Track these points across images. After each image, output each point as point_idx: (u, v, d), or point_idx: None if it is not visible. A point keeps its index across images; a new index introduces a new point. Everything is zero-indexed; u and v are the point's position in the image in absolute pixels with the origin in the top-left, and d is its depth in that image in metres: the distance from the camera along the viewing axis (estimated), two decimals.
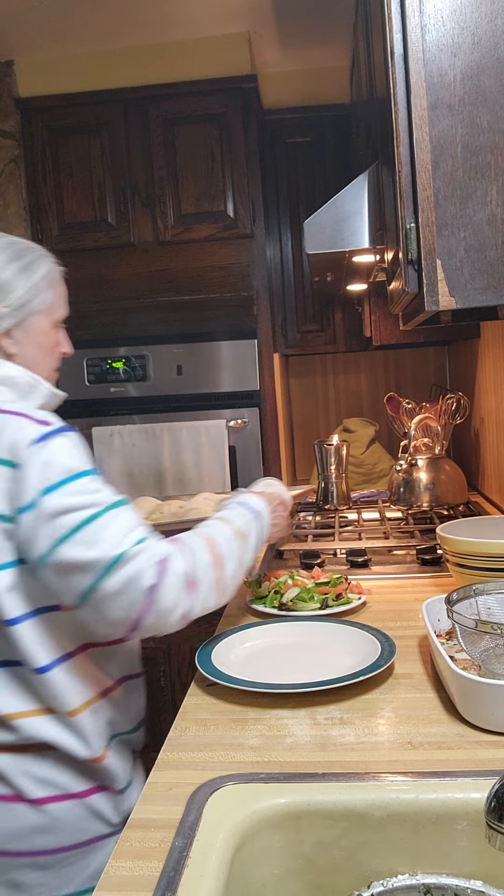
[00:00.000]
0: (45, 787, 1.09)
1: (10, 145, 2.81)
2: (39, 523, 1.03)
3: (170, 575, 1.06)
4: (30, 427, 1.08)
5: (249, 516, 1.28)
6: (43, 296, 1.23)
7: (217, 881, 0.74)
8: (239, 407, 2.80)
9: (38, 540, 1.03)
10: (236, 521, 1.24)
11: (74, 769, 1.11)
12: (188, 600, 1.08)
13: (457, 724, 1.02)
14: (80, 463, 1.08)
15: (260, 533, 1.29)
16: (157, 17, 2.56)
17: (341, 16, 2.51)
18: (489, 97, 1.06)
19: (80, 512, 1.04)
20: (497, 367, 2.29)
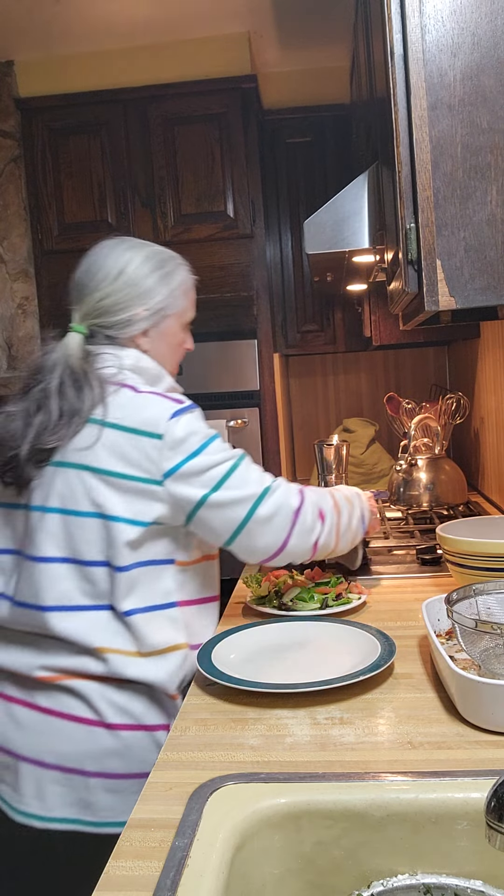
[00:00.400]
0: (122, 714, 1.22)
1: (10, 145, 2.81)
2: (190, 479, 1.23)
3: (308, 501, 1.31)
4: (168, 402, 1.26)
5: (352, 492, 1.49)
6: (178, 301, 1.39)
7: (217, 881, 0.74)
8: (239, 407, 2.80)
9: (191, 492, 1.23)
10: (343, 491, 1.46)
11: (149, 704, 1.24)
12: (320, 527, 1.32)
13: (457, 724, 1.02)
14: (209, 430, 1.28)
15: (362, 507, 1.48)
16: (157, 17, 2.56)
17: (341, 16, 2.51)
18: (489, 97, 1.06)
19: (224, 465, 1.25)
20: (497, 367, 2.29)
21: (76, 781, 1.21)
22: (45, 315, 2.88)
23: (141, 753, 1.22)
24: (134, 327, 1.35)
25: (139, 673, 1.22)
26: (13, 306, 2.85)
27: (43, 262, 2.86)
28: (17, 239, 2.83)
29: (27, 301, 2.87)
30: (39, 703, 1.24)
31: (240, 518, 1.25)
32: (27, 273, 2.87)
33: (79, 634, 1.22)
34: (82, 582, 1.24)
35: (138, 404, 1.25)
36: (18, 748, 1.24)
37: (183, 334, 1.44)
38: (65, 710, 1.23)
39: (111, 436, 1.23)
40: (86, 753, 1.21)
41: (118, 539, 1.22)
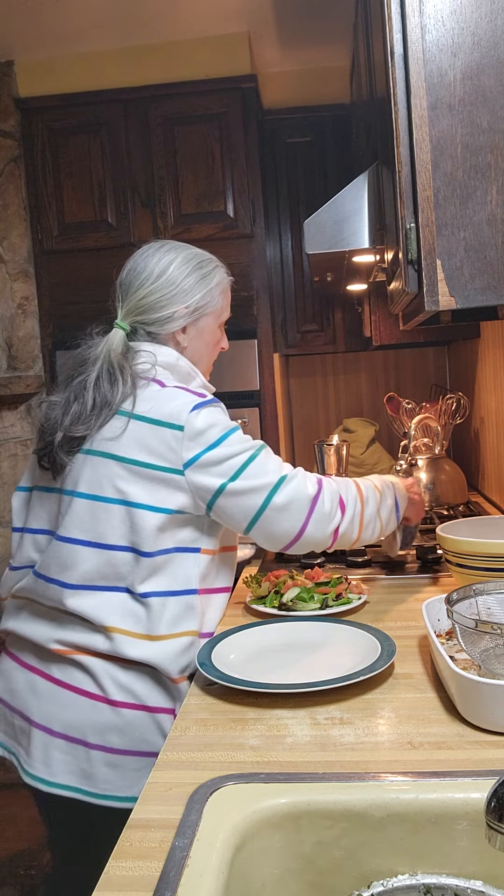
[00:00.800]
0: (124, 693, 1.29)
1: (10, 145, 2.81)
2: (210, 469, 1.29)
3: (326, 490, 1.34)
4: (190, 396, 1.33)
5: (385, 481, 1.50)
6: (215, 300, 1.48)
7: (217, 881, 0.74)
8: (239, 407, 2.80)
9: (209, 481, 1.29)
10: (374, 481, 1.48)
11: (153, 685, 1.30)
12: (339, 516, 1.34)
13: (457, 724, 1.02)
14: (230, 422, 1.35)
15: (396, 497, 1.50)
16: (157, 17, 2.56)
17: (341, 16, 2.51)
18: (489, 97, 1.06)
19: (242, 455, 1.31)
20: (497, 367, 2.29)
21: (79, 751, 1.28)
22: (44, 315, 2.88)
23: (141, 732, 1.28)
24: (174, 324, 1.43)
25: (141, 654, 1.28)
26: (13, 306, 2.85)
27: (43, 262, 2.86)
28: (17, 239, 2.83)
29: (27, 301, 2.87)
30: (53, 674, 1.32)
31: (257, 506, 1.30)
32: (27, 273, 2.87)
33: (92, 613, 1.29)
34: (102, 565, 1.30)
35: (163, 398, 1.33)
36: (32, 714, 1.32)
37: (219, 333, 1.54)
38: (73, 683, 1.30)
39: (136, 427, 1.31)
40: (88, 725, 1.28)
41: (142, 525, 1.28)
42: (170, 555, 1.32)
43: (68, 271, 2.84)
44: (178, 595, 1.32)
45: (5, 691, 1.39)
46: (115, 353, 1.37)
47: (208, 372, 1.55)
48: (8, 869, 2.45)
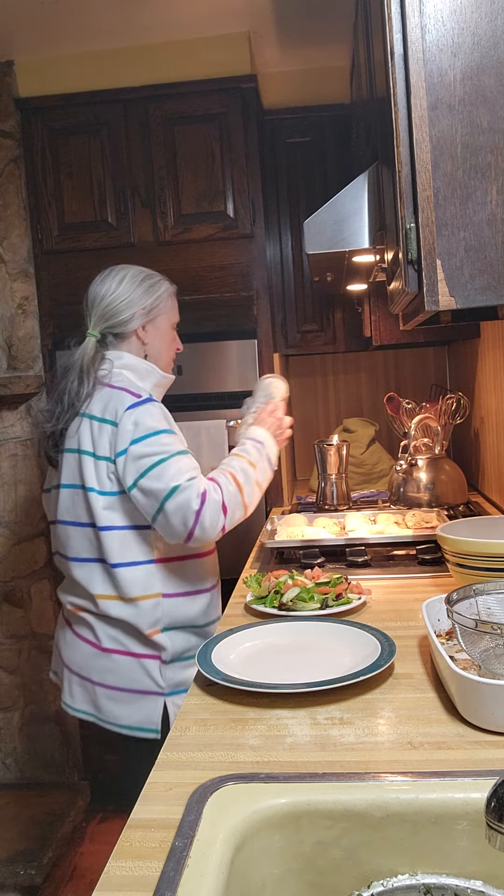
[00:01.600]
0: (114, 642, 1.66)
1: (10, 145, 2.81)
2: (129, 463, 1.57)
3: (209, 502, 1.57)
4: (127, 397, 1.62)
5: (258, 447, 1.76)
6: (165, 304, 1.80)
7: (217, 881, 0.74)
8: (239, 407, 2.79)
9: (128, 474, 1.58)
10: (249, 453, 1.73)
11: (134, 637, 1.65)
12: (222, 519, 1.60)
13: (457, 724, 1.02)
14: (158, 424, 1.60)
15: (268, 457, 1.77)
16: (157, 17, 2.56)
17: (341, 16, 2.51)
18: (489, 97, 1.06)
19: (154, 457, 1.57)
20: (497, 367, 2.29)
21: (87, 687, 1.68)
22: (45, 315, 2.88)
23: (129, 673, 1.64)
24: (134, 323, 1.75)
25: (119, 613, 1.63)
26: (13, 306, 2.84)
27: (43, 262, 2.86)
28: (17, 239, 2.83)
29: (27, 301, 2.87)
30: (73, 627, 1.73)
31: (154, 508, 1.58)
32: (27, 273, 2.86)
33: (84, 581, 1.66)
34: (82, 540, 1.66)
35: (106, 398, 1.63)
36: (64, 657, 1.74)
37: (172, 333, 1.83)
38: (82, 634, 1.70)
39: (88, 424, 1.63)
40: (91, 667, 1.67)
41: (94, 505, 1.61)
42: (125, 531, 1.62)
43: (68, 271, 2.84)
44: (140, 565, 1.63)
45: (56, 638, 1.82)
46: (86, 359, 1.69)
47: (169, 367, 1.84)
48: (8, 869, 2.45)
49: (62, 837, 2.64)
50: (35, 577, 2.90)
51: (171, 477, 1.56)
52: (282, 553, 2.06)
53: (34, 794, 2.82)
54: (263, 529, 2.24)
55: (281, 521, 2.25)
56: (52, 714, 2.90)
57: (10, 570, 2.86)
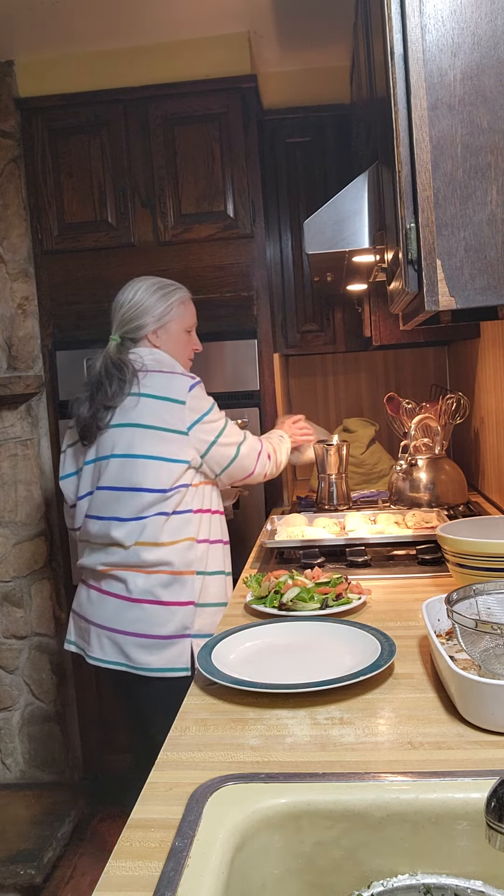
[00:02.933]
0: (145, 594, 1.85)
1: (10, 145, 2.81)
2: (205, 428, 1.92)
3: (263, 449, 2.07)
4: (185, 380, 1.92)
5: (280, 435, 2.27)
6: (176, 310, 2.03)
7: (217, 881, 0.74)
8: (239, 407, 2.79)
9: (209, 435, 1.92)
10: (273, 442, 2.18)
11: (164, 586, 1.86)
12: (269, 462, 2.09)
13: (457, 724, 1.02)
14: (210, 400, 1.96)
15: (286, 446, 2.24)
16: (157, 17, 2.56)
17: (341, 16, 2.51)
18: (489, 97, 1.06)
19: (220, 422, 1.96)
20: (497, 367, 2.29)
21: (118, 638, 1.86)
22: (45, 315, 2.88)
23: (159, 621, 1.84)
24: (145, 330, 2.00)
25: (154, 557, 1.85)
26: (13, 306, 2.84)
27: (43, 262, 2.85)
28: (17, 239, 2.83)
29: (27, 301, 2.87)
30: (101, 587, 1.91)
31: (231, 455, 1.97)
32: (27, 273, 2.86)
33: (123, 538, 1.86)
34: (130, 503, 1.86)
35: (165, 381, 1.91)
36: (90, 616, 1.92)
37: (186, 336, 2.08)
38: (111, 591, 1.89)
39: (147, 402, 1.88)
40: (121, 619, 1.86)
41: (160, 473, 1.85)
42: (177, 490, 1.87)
43: (68, 271, 2.84)
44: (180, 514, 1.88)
45: (77, 605, 1.99)
46: (112, 355, 1.95)
47: (186, 366, 2.05)
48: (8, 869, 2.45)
49: (62, 837, 2.64)
50: (35, 577, 2.90)
51: (237, 433, 1.99)
52: (282, 553, 2.06)
53: (34, 794, 2.82)
54: (263, 529, 2.25)
55: (281, 521, 2.25)
56: (52, 714, 2.90)
57: (10, 570, 2.86)
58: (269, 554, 2.08)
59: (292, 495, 3.05)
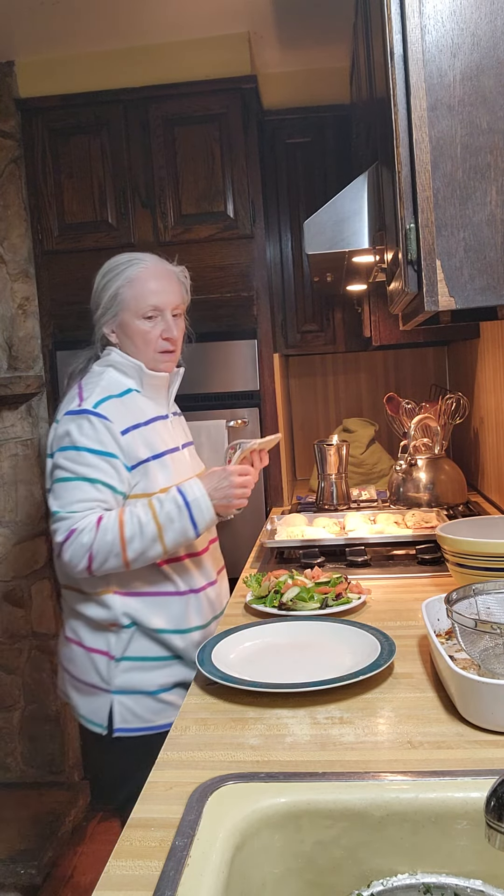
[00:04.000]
0: (72, 632, 1.65)
1: (11, 146, 2.81)
2: (50, 469, 1.57)
3: (74, 543, 1.51)
4: (74, 401, 1.58)
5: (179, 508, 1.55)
6: (123, 296, 1.63)
7: (217, 880, 0.74)
8: (239, 407, 2.80)
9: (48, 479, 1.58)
10: (162, 511, 1.55)
11: (89, 629, 1.62)
12: (85, 562, 1.51)
13: (456, 723, 1.03)
14: (86, 441, 1.53)
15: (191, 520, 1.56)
16: (157, 17, 2.57)
17: (341, 16, 2.51)
18: (489, 98, 1.06)
19: (62, 472, 1.53)
20: (497, 367, 2.29)
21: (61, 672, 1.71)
22: (45, 315, 2.88)
23: (82, 665, 1.62)
24: (100, 329, 1.68)
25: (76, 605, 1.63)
26: (13, 306, 2.84)
27: (43, 262, 2.85)
28: (17, 239, 2.83)
29: (27, 301, 2.87)
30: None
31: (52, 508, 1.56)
32: (27, 273, 2.86)
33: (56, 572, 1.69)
34: None
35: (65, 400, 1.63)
36: None
37: (144, 324, 1.64)
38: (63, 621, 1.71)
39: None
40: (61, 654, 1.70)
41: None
42: None
43: (68, 271, 2.84)
44: None
45: None
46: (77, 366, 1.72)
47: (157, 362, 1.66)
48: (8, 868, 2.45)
49: (62, 837, 2.64)
50: (35, 577, 2.90)
51: (61, 501, 1.53)
52: (282, 553, 2.06)
53: (34, 794, 2.82)
54: (263, 529, 2.25)
55: (281, 520, 2.25)
56: (52, 714, 2.90)
57: (10, 570, 2.86)
58: (269, 554, 2.09)
59: (292, 495, 3.05)
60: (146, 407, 1.66)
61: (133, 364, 1.64)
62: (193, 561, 1.66)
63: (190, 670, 1.59)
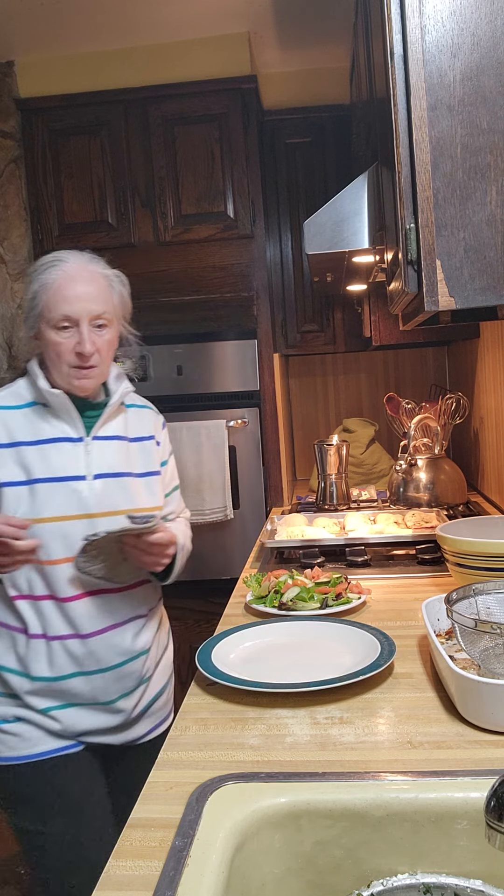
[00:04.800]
0: None
1: (11, 146, 2.81)
2: None
3: None
4: None
5: None
6: (37, 305, 1.43)
7: (217, 880, 0.74)
8: (239, 407, 2.80)
9: None
10: None
11: None
12: None
13: (456, 723, 1.03)
14: None
15: None
16: (157, 17, 2.57)
17: (341, 16, 2.51)
18: (489, 98, 1.06)
19: None
20: (497, 367, 2.29)
21: None
22: None
23: None
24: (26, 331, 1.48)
25: None
26: (13, 306, 2.85)
27: None
28: (17, 239, 2.83)
29: None
30: None
31: None
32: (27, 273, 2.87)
33: None
34: None
35: None
36: None
37: (57, 335, 1.41)
38: None
39: None
40: None
41: None
42: None
43: None
44: None
45: None
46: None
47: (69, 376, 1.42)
48: (8, 869, 2.45)
49: None
50: None
51: None
52: (282, 553, 2.06)
53: None
54: (263, 529, 2.25)
55: (281, 520, 2.25)
56: None
57: None
58: (269, 554, 2.09)
59: (292, 495, 3.06)
60: (45, 426, 1.44)
61: (37, 373, 1.45)
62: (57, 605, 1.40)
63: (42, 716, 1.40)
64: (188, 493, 2.71)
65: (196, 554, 2.86)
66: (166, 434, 1.65)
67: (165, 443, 1.63)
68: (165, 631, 1.62)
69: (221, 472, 2.73)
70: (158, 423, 1.63)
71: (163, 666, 1.57)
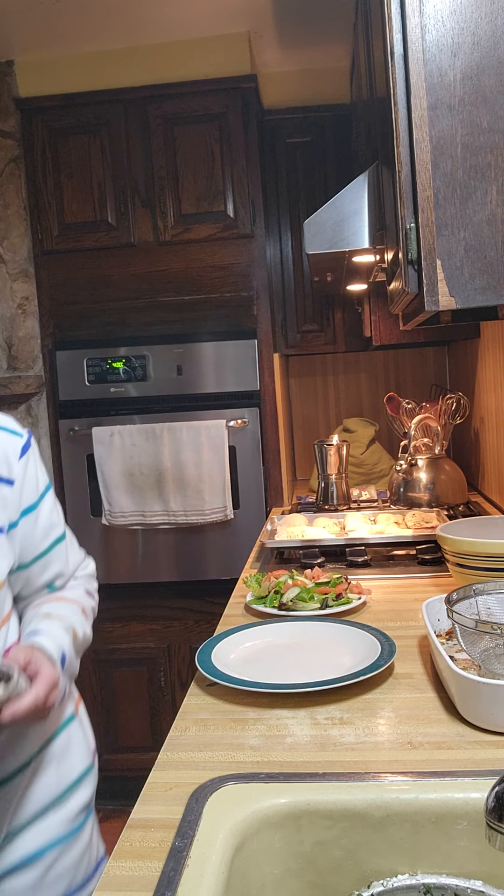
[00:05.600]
0: None
1: (10, 145, 2.81)
2: None
3: None
4: None
5: None
6: None
7: (217, 881, 0.74)
8: (239, 407, 2.80)
9: None
10: None
11: None
12: None
13: (457, 724, 1.02)
14: None
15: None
16: (157, 17, 2.56)
17: (341, 16, 2.51)
18: (489, 97, 1.06)
19: None
20: (497, 367, 2.29)
21: None
22: (45, 315, 2.88)
23: None
24: None
25: None
26: (13, 306, 2.85)
27: (43, 262, 2.86)
28: (17, 239, 2.83)
29: (27, 301, 2.87)
30: None
31: None
32: (27, 273, 2.86)
33: None
34: None
35: None
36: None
37: None
38: None
39: None
40: None
41: None
42: None
43: (68, 271, 2.84)
44: None
45: None
46: None
47: None
48: None
49: None
50: None
51: None
52: (282, 553, 2.06)
53: None
54: (263, 529, 2.25)
55: (281, 521, 2.25)
56: None
57: None
58: (269, 554, 2.08)
59: (292, 495, 3.05)
60: None
61: None
62: None
63: None
64: (188, 493, 2.71)
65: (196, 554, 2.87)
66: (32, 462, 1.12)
67: (28, 477, 1.11)
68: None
69: (221, 472, 2.73)
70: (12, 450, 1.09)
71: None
